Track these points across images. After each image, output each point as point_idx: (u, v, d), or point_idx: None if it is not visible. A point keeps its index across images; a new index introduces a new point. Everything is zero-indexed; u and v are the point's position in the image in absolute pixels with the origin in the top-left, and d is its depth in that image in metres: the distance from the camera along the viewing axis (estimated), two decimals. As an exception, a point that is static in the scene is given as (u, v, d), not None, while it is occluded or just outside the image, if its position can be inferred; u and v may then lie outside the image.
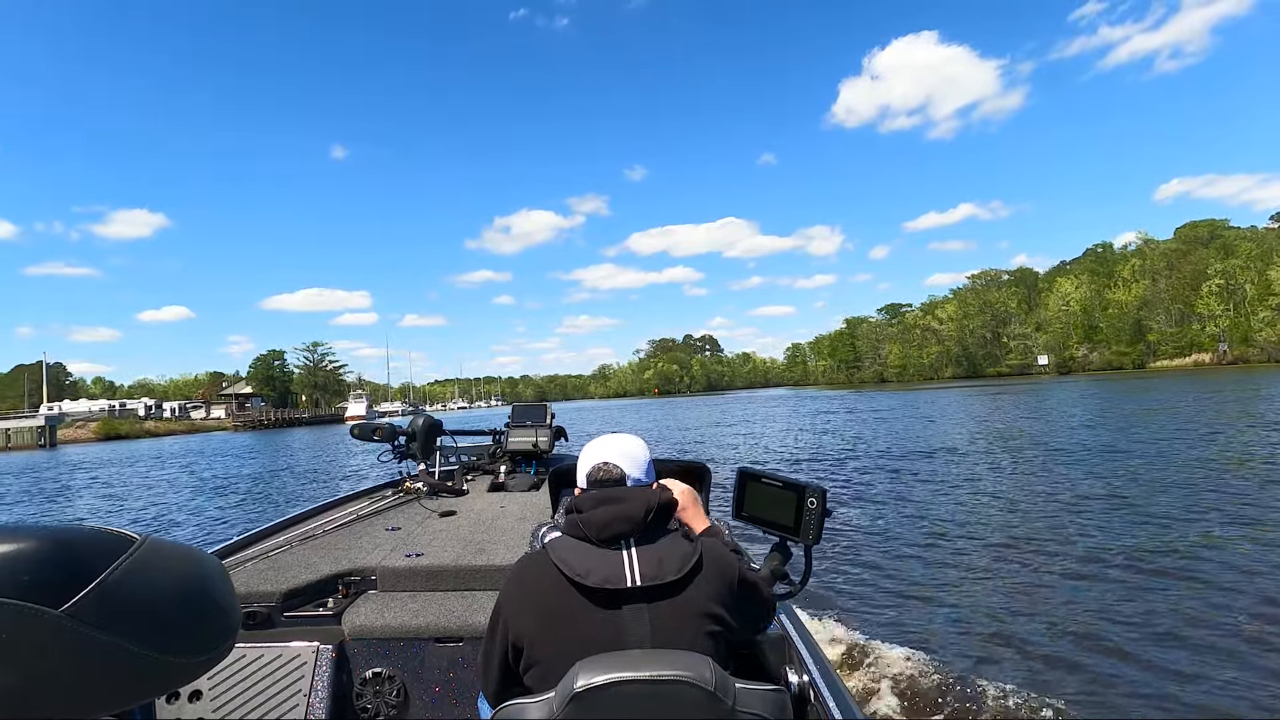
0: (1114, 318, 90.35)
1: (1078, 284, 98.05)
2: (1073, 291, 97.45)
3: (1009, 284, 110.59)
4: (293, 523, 3.22)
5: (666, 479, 1.82)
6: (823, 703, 1.65)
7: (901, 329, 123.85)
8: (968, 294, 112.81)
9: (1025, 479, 11.67)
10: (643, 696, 1.14)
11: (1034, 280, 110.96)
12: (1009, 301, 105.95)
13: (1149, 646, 4.69)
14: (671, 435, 29.12)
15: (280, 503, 15.36)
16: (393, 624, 2.36)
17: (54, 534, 0.48)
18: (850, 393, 76.18)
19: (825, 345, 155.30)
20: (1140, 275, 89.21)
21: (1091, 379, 67.35)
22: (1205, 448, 13.67)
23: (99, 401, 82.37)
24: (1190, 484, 10.12)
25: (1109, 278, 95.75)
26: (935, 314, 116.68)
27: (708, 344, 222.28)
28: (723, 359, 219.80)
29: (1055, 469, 12.36)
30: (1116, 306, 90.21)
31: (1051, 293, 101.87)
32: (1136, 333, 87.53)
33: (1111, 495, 9.65)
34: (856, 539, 8.15)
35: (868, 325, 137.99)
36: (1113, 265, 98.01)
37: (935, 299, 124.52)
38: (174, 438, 64.95)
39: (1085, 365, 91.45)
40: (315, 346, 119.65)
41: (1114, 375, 73.55)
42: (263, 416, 77.90)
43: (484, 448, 4.63)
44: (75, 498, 19.82)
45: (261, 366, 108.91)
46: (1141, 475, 11.11)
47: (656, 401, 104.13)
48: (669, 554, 1.39)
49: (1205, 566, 6.23)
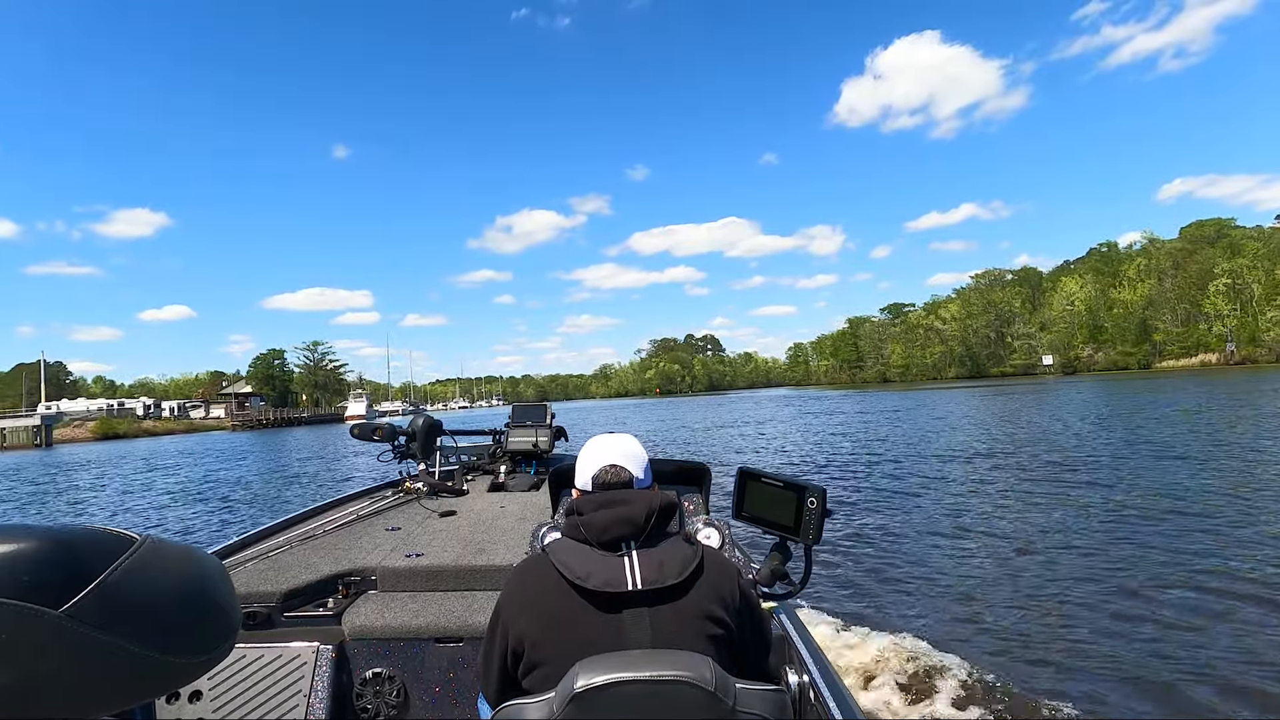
0: (1119, 317, 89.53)
1: (1082, 283, 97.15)
2: (1077, 291, 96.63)
3: (1013, 283, 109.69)
4: (293, 523, 3.20)
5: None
6: (823, 703, 1.65)
7: (904, 329, 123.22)
8: (971, 293, 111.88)
9: (1032, 481, 11.39)
10: (643, 697, 1.14)
11: (1038, 280, 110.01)
12: (1013, 301, 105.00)
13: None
14: (679, 435, 28.60)
15: (273, 511, 14.75)
16: (393, 624, 2.36)
17: (54, 534, 0.48)
18: (854, 393, 75.93)
19: (828, 345, 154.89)
20: (1146, 275, 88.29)
21: (1098, 379, 66.61)
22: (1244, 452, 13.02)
23: (97, 401, 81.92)
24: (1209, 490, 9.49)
25: (1114, 277, 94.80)
26: (938, 314, 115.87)
27: (709, 344, 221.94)
28: (725, 359, 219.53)
29: (1064, 472, 12.02)
30: (1122, 306, 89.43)
31: (1055, 292, 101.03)
32: (1142, 332, 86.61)
33: (1119, 501, 9.25)
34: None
35: (870, 325, 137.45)
36: (1118, 264, 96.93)
37: (938, 298, 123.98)
38: (172, 437, 64.51)
39: (1090, 365, 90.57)
40: (315, 346, 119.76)
41: (1120, 375, 72.83)
42: (261, 416, 77.33)
43: (484, 448, 4.60)
44: (55, 501, 19.23)
45: (261, 366, 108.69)
46: (1148, 478, 10.74)
47: (659, 401, 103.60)
48: (670, 557, 1.38)
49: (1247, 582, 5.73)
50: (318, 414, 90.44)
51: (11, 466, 33.90)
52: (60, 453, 47.30)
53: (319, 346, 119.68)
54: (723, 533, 2.30)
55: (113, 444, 56.57)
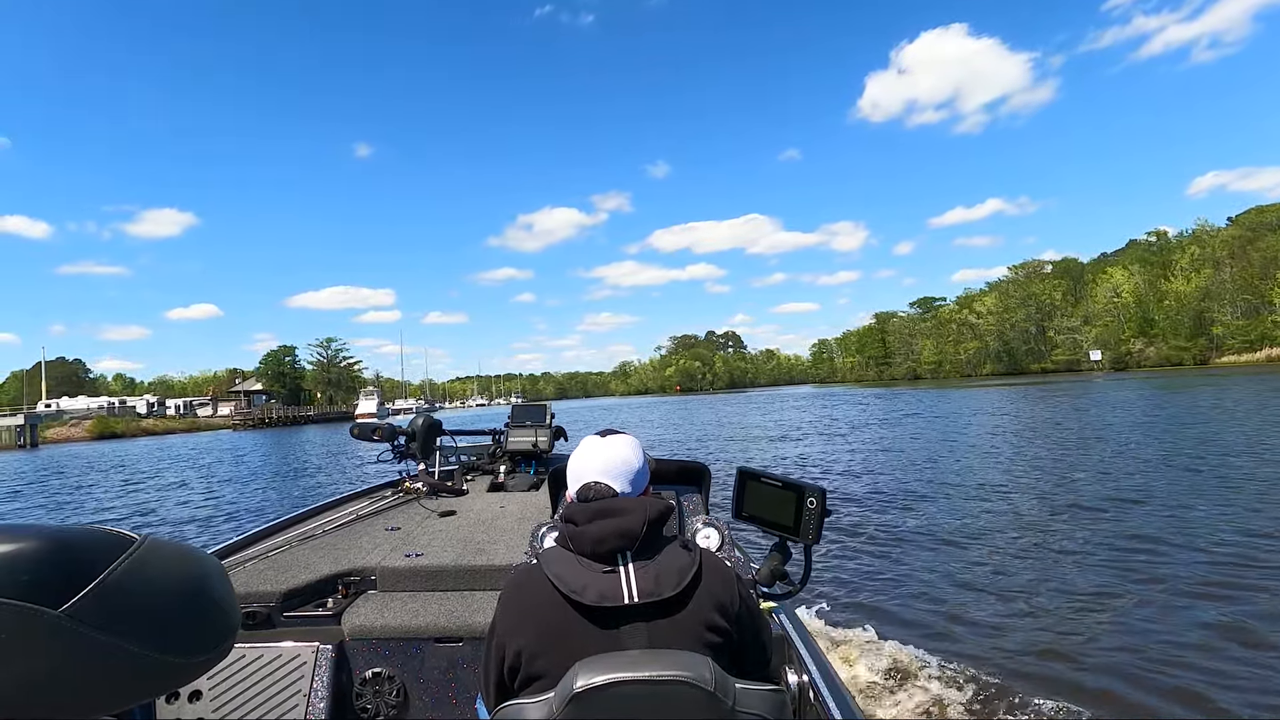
0: (1171, 310, 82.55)
1: (1129, 274, 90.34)
2: (1124, 282, 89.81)
3: (1052, 275, 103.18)
4: (292, 523, 3.16)
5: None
6: (823, 703, 1.66)
7: (936, 324, 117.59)
8: (1009, 285, 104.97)
9: (1064, 488, 10.40)
10: (642, 697, 1.14)
11: (1080, 271, 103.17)
12: (1053, 293, 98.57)
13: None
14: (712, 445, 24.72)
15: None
16: (392, 624, 2.36)
17: (54, 534, 0.48)
18: (884, 390, 72.34)
19: (853, 341, 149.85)
20: (1200, 264, 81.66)
21: (1151, 376, 60.98)
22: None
23: (99, 399, 79.65)
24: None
25: (1164, 268, 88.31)
26: (973, 307, 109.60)
27: (730, 340, 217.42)
28: (746, 356, 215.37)
29: (1107, 481, 10.60)
30: (1174, 298, 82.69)
31: (1097, 284, 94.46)
32: (1197, 326, 79.85)
33: (1159, 522, 7.89)
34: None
35: (899, 320, 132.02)
36: (1168, 254, 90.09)
37: (971, 292, 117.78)
38: (173, 436, 62.34)
39: (1141, 361, 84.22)
40: (329, 342, 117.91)
41: (1175, 372, 67.07)
42: (264, 414, 74.66)
43: (484, 448, 4.50)
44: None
45: (272, 363, 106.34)
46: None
47: (678, 400, 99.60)
48: (666, 568, 1.34)
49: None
50: (325, 412, 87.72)
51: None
52: (41, 454, 44.83)
53: (332, 343, 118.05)
54: (722, 533, 2.35)
55: (108, 444, 54.41)
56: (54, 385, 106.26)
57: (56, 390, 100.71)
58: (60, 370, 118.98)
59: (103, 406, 75.53)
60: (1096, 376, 69.52)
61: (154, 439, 59.61)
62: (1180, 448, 13.21)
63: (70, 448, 51.72)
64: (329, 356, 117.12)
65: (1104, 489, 9.78)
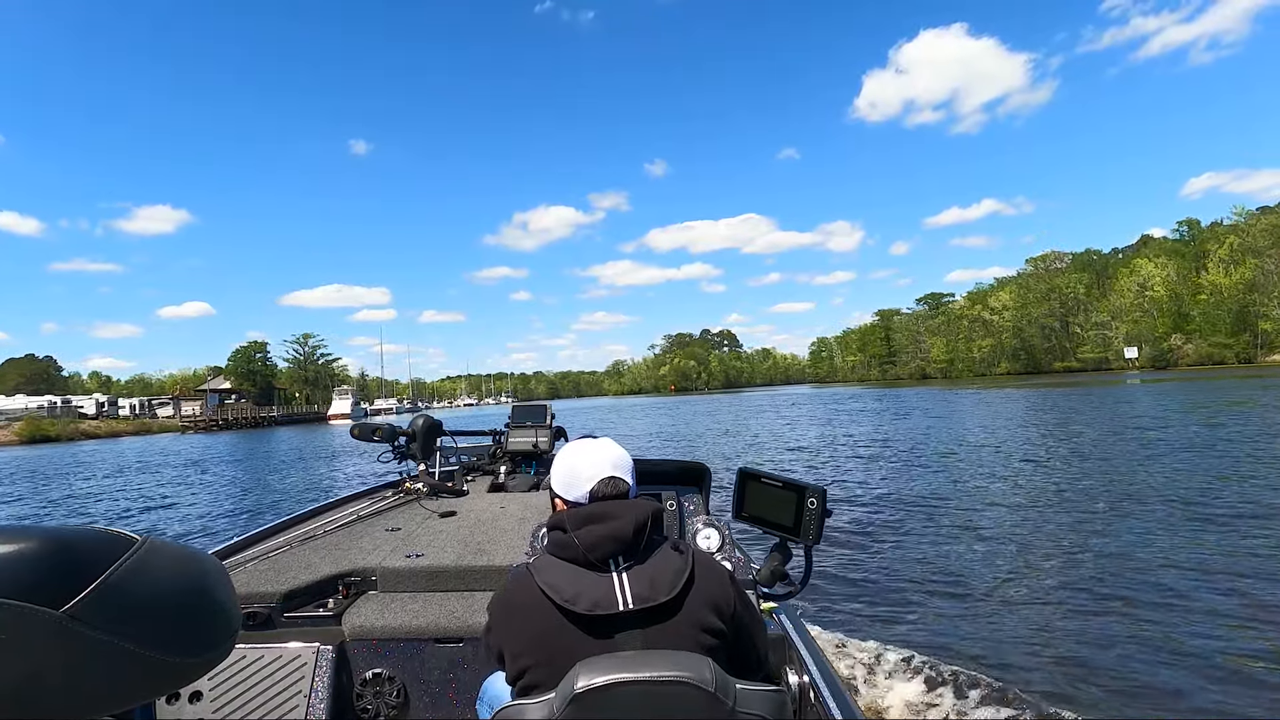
0: (1209, 304, 76.26)
1: (1160, 265, 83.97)
2: (1156, 273, 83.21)
3: (1072, 268, 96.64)
4: (293, 523, 3.17)
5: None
6: (822, 703, 1.67)
7: (946, 320, 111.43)
8: (1029, 279, 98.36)
9: (1081, 497, 9.35)
10: (643, 697, 1.14)
11: (1103, 264, 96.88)
12: (1077, 287, 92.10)
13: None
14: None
15: None
16: (393, 624, 2.36)
17: (55, 534, 0.48)
18: (888, 390, 67.15)
19: (854, 339, 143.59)
20: (1242, 254, 75.42)
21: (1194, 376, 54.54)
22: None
23: (39, 398, 72.51)
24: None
25: (1197, 259, 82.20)
26: (987, 303, 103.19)
27: (726, 339, 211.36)
28: (742, 355, 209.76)
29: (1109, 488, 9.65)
30: (1212, 291, 76.58)
31: (1119, 278, 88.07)
32: (1240, 321, 73.69)
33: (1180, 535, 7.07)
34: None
35: (905, 317, 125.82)
36: (1202, 244, 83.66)
37: (982, 287, 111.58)
38: (114, 440, 55.90)
39: (1180, 359, 77.82)
40: (306, 339, 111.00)
41: (1221, 371, 60.87)
42: (217, 416, 67.72)
43: (484, 448, 4.54)
44: None
45: (241, 359, 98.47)
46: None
47: (673, 400, 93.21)
48: (660, 572, 1.33)
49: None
50: (293, 413, 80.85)
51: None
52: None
53: (309, 339, 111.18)
54: (723, 533, 2.34)
55: (35, 449, 48.25)
56: (23, 383, 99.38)
57: (25, 388, 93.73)
58: (30, 367, 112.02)
59: (42, 406, 68.38)
60: (1131, 376, 63.19)
61: (96, 442, 53.79)
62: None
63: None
64: (306, 353, 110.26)
65: (1120, 491, 9.29)
